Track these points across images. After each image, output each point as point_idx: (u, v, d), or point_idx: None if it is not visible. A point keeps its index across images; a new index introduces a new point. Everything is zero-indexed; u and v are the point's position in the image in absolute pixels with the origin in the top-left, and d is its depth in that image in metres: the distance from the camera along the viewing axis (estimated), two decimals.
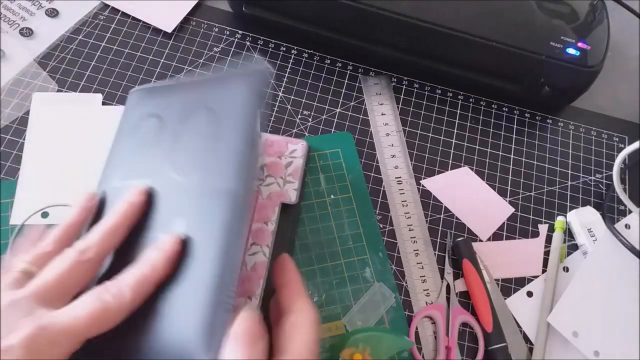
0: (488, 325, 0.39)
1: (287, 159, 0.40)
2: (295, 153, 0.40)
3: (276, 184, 0.39)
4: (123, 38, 0.48)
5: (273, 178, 0.39)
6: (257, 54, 0.49)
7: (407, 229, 0.43)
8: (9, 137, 0.42)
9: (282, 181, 0.39)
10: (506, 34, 0.44)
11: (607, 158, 0.49)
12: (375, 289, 0.40)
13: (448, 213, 0.44)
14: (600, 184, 0.47)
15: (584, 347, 0.39)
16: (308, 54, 0.49)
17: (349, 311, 0.39)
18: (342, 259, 0.40)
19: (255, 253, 0.36)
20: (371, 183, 0.44)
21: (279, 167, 0.40)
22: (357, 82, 0.49)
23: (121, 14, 0.49)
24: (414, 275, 0.41)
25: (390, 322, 0.39)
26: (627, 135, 0.50)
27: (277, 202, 0.38)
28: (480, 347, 0.39)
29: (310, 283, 0.39)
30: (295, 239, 0.41)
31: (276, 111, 0.46)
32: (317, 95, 0.48)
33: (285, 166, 0.40)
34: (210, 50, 0.48)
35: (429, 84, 0.50)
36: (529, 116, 0.50)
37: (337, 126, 0.46)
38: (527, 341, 0.40)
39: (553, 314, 0.40)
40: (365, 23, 0.45)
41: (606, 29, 0.47)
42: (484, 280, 0.41)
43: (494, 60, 0.46)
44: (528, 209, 0.45)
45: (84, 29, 0.48)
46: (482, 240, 0.43)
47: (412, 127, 0.47)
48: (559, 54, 0.44)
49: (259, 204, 0.38)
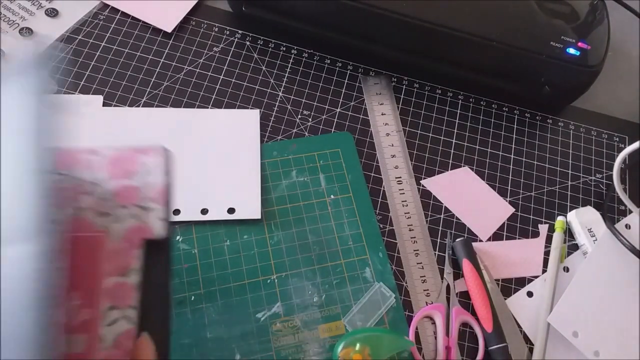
0: (488, 325, 0.39)
1: (141, 177, 0.29)
2: (150, 168, 0.30)
3: (131, 215, 0.29)
4: (123, 38, 0.48)
5: (126, 208, 0.29)
6: (257, 54, 0.49)
7: (407, 229, 0.43)
8: None
9: (139, 210, 0.29)
10: (506, 33, 0.44)
11: (607, 158, 0.49)
12: (375, 289, 0.40)
13: (448, 213, 0.44)
14: (601, 184, 0.47)
15: (584, 347, 0.39)
16: (308, 54, 0.49)
17: (349, 311, 0.39)
18: (342, 259, 0.40)
19: (116, 321, 0.27)
20: (371, 183, 0.44)
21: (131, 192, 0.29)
22: (357, 82, 0.49)
23: (121, 14, 0.49)
24: (414, 275, 0.41)
25: (390, 322, 0.39)
26: (627, 135, 0.50)
27: (138, 241, 0.28)
28: (480, 347, 0.39)
29: (310, 283, 0.39)
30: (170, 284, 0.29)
31: (276, 111, 0.46)
32: (317, 95, 0.48)
33: (141, 188, 0.29)
34: (210, 50, 0.48)
35: (429, 83, 0.50)
36: (529, 116, 0.50)
37: (337, 126, 0.46)
38: (527, 341, 0.40)
39: (553, 314, 0.40)
40: (365, 23, 0.45)
41: (606, 28, 0.47)
42: (484, 280, 0.41)
43: (494, 60, 0.46)
44: (528, 209, 0.45)
45: (84, 29, 0.48)
46: (482, 240, 0.43)
47: (412, 127, 0.47)
48: (559, 54, 0.44)
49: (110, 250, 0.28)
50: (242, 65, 0.48)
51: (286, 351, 0.37)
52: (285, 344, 0.37)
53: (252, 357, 0.36)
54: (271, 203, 0.42)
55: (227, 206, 0.41)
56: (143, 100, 0.45)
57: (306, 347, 0.37)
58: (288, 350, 0.37)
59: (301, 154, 0.44)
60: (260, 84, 0.47)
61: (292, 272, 0.40)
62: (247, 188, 0.42)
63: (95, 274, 0.28)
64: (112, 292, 0.27)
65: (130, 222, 0.28)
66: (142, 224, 0.28)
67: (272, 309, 0.38)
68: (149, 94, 0.45)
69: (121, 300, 0.27)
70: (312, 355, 0.37)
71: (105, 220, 0.28)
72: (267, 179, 0.43)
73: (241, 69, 0.48)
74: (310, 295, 0.39)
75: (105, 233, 0.28)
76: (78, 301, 0.27)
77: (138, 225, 0.28)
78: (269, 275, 0.39)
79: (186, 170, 0.42)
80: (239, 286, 0.39)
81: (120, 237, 0.28)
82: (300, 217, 0.42)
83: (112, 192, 0.29)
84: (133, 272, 0.28)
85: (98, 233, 0.28)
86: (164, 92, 0.46)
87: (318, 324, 0.38)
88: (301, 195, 0.42)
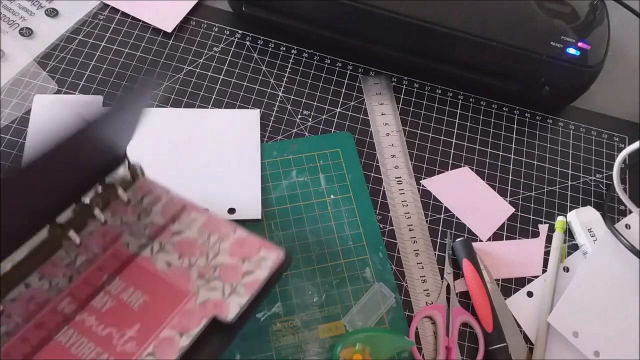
0: (488, 325, 0.39)
1: (250, 265, 0.32)
2: (264, 263, 0.32)
3: (220, 290, 0.31)
4: (123, 38, 0.48)
5: (221, 282, 0.31)
6: (257, 54, 0.49)
7: (407, 229, 0.43)
8: (9, 137, 0.42)
9: (229, 290, 0.31)
10: (506, 33, 0.44)
11: (607, 158, 0.49)
12: (375, 289, 0.40)
13: (448, 213, 0.44)
14: (601, 184, 0.47)
15: (584, 347, 0.39)
16: (308, 54, 0.49)
17: (349, 311, 0.39)
18: (342, 259, 0.40)
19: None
20: (371, 183, 0.44)
21: (234, 273, 0.32)
22: (357, 82, 0.49)
23: (121, 14, 0.49)
24: (414, 275, 0.41)
25: (390, 322, 0.39)
26: (627, 135, 0.50)
27: (209, 314, 0.30)
28: (481, 347, 0.39)
29: (310, 283, 0.39)
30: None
31: (276, 111, 0.46)
32: (317, 95, 0.48)
33: (243, 274, 0.31)
34: (210, 50, 0.48)
35: (429, 83, 0.50)
36: (529, 116, 0.50)
37: (337, 126, 0.46)
38: (527, 341, 0.40)
39: (553, 314, 0.40)
40: (365, 23, 0.45)
41: (606, 28, 0.47)
42: (484, 280, 0.41)
43: (494, 60, 0.46)
44: (528, 209, 0.45)
45: (84, 29, 0.48)
46: (482, 240, 0.43)
47: (412, 127, 0.47)
48: (559, 54, 0.44)
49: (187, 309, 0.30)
50: (242, 65, 0.48)
51: (286, 351, 0.37)
52: (286, 344, 0.37)
53: (252, 357, 0.36)
54: (271, 203, 0.42)
55: (228, 206, 0.41)
56: None
57: (306, 347, 0.37)
58: (288, 350, 0.37)
59: (301, 154, 0.44)
60: (260, 84, 0.47)
61: (292, 272, 0.40)
62: (248, 188, 0.42)
63: (162, 322, 0.30)
64: (160, 342, 0.29)
65: (216, 295, 0.31)
66: (224, 302, 0.30)
67: (272, 309, 0.38)
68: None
69: (163, 353, 0.29)
70: (312, 355, 0.37)
71: (200, 284, 0.31)
72: (267, 179, 0.43)
73: (241, 69, 0.48)
74: (310, 295, 0.39)
75: (193, 295, 0.31)
76: (134, 333, 0.29)
77: (218, 301, 0.30)
78: None
79: (186, 170, 0.42)
80: None
81: (200, 303, 0.31)
82: (300, 217, 0.42)
83: (222, 264, 0.32)
84: (190, 336, 0.29)
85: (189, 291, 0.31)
86: (164, 92, 0.46)
87: (318, 324, 0.38)
88: (301, 195, 0.42)
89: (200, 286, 0.31)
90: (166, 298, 0.31)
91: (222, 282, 0.31)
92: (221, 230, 0.33)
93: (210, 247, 0.33)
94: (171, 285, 0.31)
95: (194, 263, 0.32)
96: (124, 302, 0.31)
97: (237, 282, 0.31)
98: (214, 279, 0.31)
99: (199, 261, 0.32)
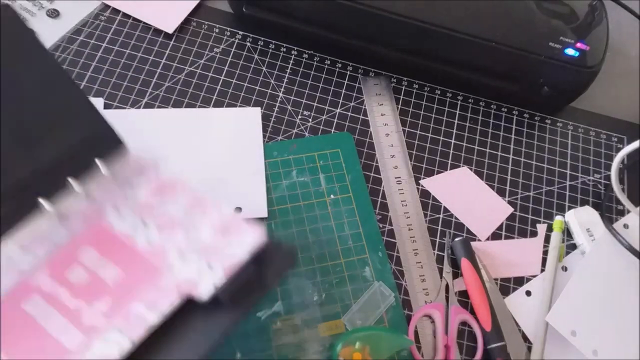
0: (487, 324, 0.39)
1: (231, 245, 0.30)
2: (245, 242, 0.30)
3: (197, 269, 0.29)
4: (124, 39, 0.48)
5: (199, 261, 0.30)
6: (257, 55, 0.49)
7: (407, 228, 0.43)
8: None
9: (206, 268, 0.29)
10: (505, 34, 0.44)
11: (605, 158, 0.49)
12: (375, 288, 0.40)
13: (447, 213, 0.44)
14: (599, 184, 0.47)
15: (583, 346, 0.39)
16: (308, 55, 0.50)
17: (349, 310, 0.39)
18: (342, 259, 0.41)
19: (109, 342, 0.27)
20: (371, 183, 0.44)
21: (214, 250, 0.30)
22: (357, 83, 0.49)
23: (122, 15, 0.49)
24: (413, 274, 0.41)
25: (390, 321, 0.39)
26: (626, 136, 0.50)
27: (183, 293, 0.28)
28: (479, 346, 0.39)
29: (311, 282, 0.40)
30: None
31: (276, 112, 0.46)
32: (317, 96, 0.48)
33: (223, 254, 0.30)
34: (210, 51, 0.49)
35: (429, 84, 0.50)
36: (528, 116, 0.50)
37: (337, 126, 0.47)
38: (525, 340, 0.40)
39: (552, 313, 0.40)
40: (365, 24, 0.45)
41: (605, 29, 0.47)
42: (482, 279, 0.41)
43: (493, 61, 0.46)
44: (527, 209, 0.45)
45: (85, 30, 0.48)
46: (481, 239, 0.43)
47: (411, 127, 0.48)
48: (558, 55, 0.44)
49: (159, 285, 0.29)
50: (242, 66, 0.48)
51: (286, 350, 0.37)
52: (286, 343, 0.37)
53: (253, 355, 0.37)
54: (271, 203, 0.42)
55: (234, 205, 0.41)
56: (144, 101, 0.45)
57: (306, 346, 0.37)
58: (288, 349, 0.37)
59: (301, 154, 0.44)
60: (261, 85, 0.48)
61: (292, 271, 0.40)
62: (253, 186, 0.42)
63: (133, 297, 0.29)
64: (129, 318, 0.28)
65: (191, 272, 0.29)
66: (200, 281, 0.29)
67: (273, 307, 0.38)
68: (150, 95, 0.46)
69: (131, 329, 0.27)
70: (312, 354, 0.37)
71: (178, 261, 0.30)
72: (268, 179, 0.43)
73: (242, 69, 0.48)
74: (310, 294, 0.39)
75: (170, 272, 0.29)
76: (104, 308, 0.29)
77: (196, 279, 0.29)
78: None
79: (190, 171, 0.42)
80: None
81: (174, 279, 0.29)
82: (300, 217, 0.42)
83: (203, 243, 0.30)
84: (160, 313, 0.28)
85: (165, 268, 0.30)
86: (165, 92, 0.46)
87: (318, 322, 0.38)
88: (301, 195, 0.43)
89: (177, 264, 0.30)
90: (141, 274, 0.30)
91: (201, 261, 0.30)
92: (206, 208, 0.32)
93: (192, 224, 0.32)
94: (148, 262, 0.30)
95: (174, 240, 0.31)
96: (98, 277, 0.30)
97: (216, 261, 0.29)
98: (193, 257, 0.30)
99: (179, 238, 0.31)
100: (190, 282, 0.29)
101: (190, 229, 0.31)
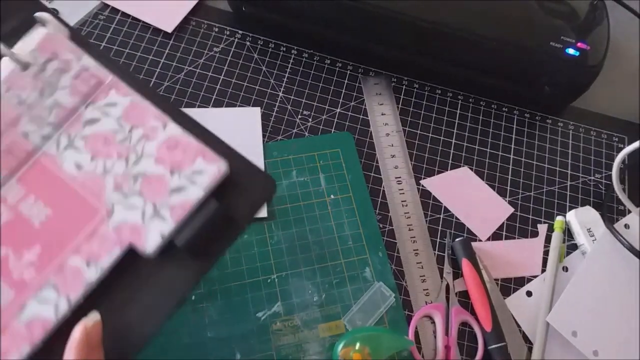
0: (487, 324, 0.39)
1: (180, 179, 0.24)
2: (199, 178, 0.24)
3: (141, 211, 0.24)
4: (123, 38, 0.48)
5: (141, 200, 0.24)
6: (257, 54, 0.49)
7: (407, 228, 0.43)
8: None
9: (151, 211, 0.24)
10: (506, 33, 0.44)
11: (606, 158, 0.49)
12: (375, 288, 0.40)
13: (448, 213, 0.44)
14: (600, 184, 0.47)
15: (583, 346, 0.39)
16: (308, 54, 0.50)
17: (349, 310, 0.39)
18: (342, 259, 0.41)
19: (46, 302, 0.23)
20: (371, 183, 0.44)
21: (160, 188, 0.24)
22: (357, 82, 0.49)
23: (121, 14, 0.49)
24: (413, 274, 0.41)
25: (390, 322, 0.39)
26: (627, 135, 0.50)
27: (124, 242, 0.24)
28: (480, 347, 0.39)
29: (310, 283, 0.40)
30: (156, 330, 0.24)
31: (276, 111, 0.46)
32: (317, 96, 0.48)
33: (171, 191, 0.24)
34: (210, 50, 0.48)
35: (429, 84, 0.50)
36: (528, 116, 0.50)
37: (337, 126, 0.46)
38: (526, 341, 0.40)
39: (552, 314, 0.40)
40: (365, 23, 0.45)
41: (606, 29, 0.47)
42: (483, 279, 0.41)
43: (494, 60, 0.46)
44: (527, 209, 0.45)
45: (84, 29, 0.48)
46: (481, 240, 0.43)
47: (412, 127, 0.48)
48: (559, 54, 0.44)
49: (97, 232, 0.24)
50: (242, 65, 0.48)
51: (286, 350, 0.37)
52: (286, 343, 0.37)
53: (252, 356, 0.37)
54: (272, 203, 0.42)
55: None
56: None
57: (306, 347, 0.37)
58: (288, 350, 0.37)
59: (301, 154, 0.44)
60: (261, 84, 0.47)
61: (292, 271, 0.40)
62: None
63: (67, 246, 0.24)
64: (64, 271, 0.24)
65: (134, 217, 0.24)
66: (142, 228, 0.24)
67: (273, 308, 0.38)
68: None
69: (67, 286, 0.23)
70: (312, 354, 0.37)
71: (116, 198, 0.24)
72: None
73: (241, 69, 0.48)
74: (310, 294, 0.39)
75: (107, 212, 0.24)
76: (33, 257, 0.24)
77: (138, 225, 0.24)
78: (269, 275, 0.39)
79: None
80: (239, 286, 0.39)
81: (114, 226, 0.24)
82: (300, 217, 0.42)
83: (145, 174, 0.25)
84: (99, 269, 0.23)
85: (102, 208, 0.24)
86: (164, 92, 0.46)
87: (318, 323, 0.38)
88: (301, 195, 0.43)
89: (116, 202, 0.24)
90: (73, 213, 0.24)
91: (144, 200, 0.24)
92: (148, 123, 0.26)
93: (131, 146, 0.25)
94: (80, 196, 0.25)
95: (109, 168, 0.25)
96: (22, 215, 0.24)
97: (162, 201, 0.24)
98: (134, 193, 0.24)
99: (116, 166, 0.25)
100: (134, 229, 0.24)
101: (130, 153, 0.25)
